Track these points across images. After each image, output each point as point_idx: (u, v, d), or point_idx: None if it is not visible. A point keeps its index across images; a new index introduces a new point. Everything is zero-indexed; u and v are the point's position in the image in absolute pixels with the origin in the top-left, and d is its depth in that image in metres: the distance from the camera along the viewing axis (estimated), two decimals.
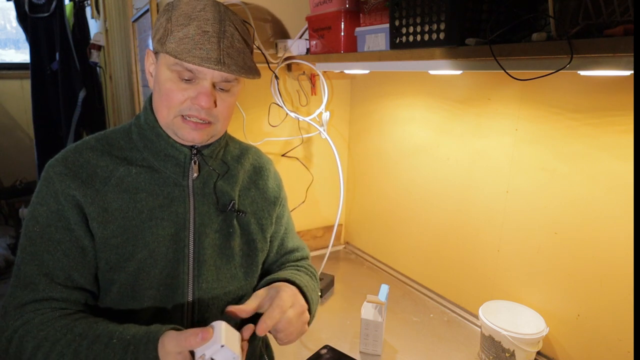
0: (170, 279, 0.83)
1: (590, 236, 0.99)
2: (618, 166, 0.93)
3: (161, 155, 0.86)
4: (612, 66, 0.65)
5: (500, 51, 0.73)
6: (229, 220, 0.91)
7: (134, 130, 0.89)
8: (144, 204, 0.83)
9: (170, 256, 0.83)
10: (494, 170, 1.18)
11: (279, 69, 1.40)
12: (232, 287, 0.91)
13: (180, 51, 0.75)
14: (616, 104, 0.92)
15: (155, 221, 0.83)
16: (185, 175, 0.87)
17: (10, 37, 3.78)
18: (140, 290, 0.82)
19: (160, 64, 0.81)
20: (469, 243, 1.29)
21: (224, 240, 0.89)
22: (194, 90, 0.80)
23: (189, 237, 0.85)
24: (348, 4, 1.16)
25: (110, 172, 0.83)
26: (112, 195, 0.82)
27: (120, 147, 0.87)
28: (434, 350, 1.13)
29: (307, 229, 1.72)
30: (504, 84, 1.12)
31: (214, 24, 0.78)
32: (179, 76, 0.79)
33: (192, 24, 0.77)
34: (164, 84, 0.81)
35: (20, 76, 3.46)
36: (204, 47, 0.76)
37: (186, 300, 0.85)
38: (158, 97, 0.83)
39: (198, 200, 0.87)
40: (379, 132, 1.57)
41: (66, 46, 2.79)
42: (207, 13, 0.79)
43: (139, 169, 0.85)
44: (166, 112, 0.82)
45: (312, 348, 1.12)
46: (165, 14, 0.80)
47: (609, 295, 0.97)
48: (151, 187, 0.84)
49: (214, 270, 0.87)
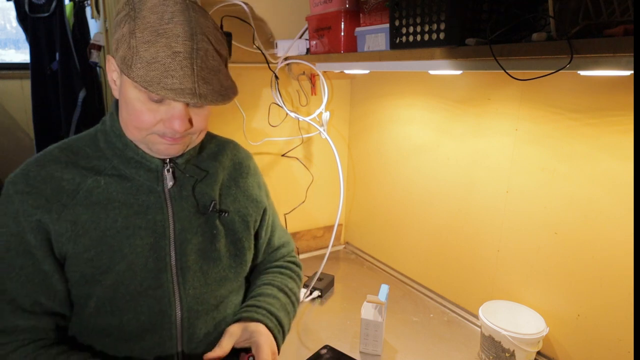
0: (152, 289, 0.79)
1: (590, 236, 0.99)
2: (618, 166, 0.93)
3: (132, 162, 0.81)
4: (612, 66, 0.65)
5: (500, 51, 0.73)
6: (212, 222, 0.87)
7: (100, 137, 0.82)
8: (117, 212, 0.78)
9: (150, 266, 0.79)
10: (494, 170, 1.18)
11: (279, 69, 1.40)
12: (223, 289, 0.88)
13: (149, 81, 0.67)
14: (616, 104, 0.92)
15: (132, 230, 0.78)
16: (159, 180, 0.82)
17: (10, 37, 3.78)
18: (120, 303, 0.78)
19: (126, 80, 0.73)
20: (469, 243, 1.28)
21: (208, 243, 0.86)
22: (166, 112, 0.74)
23: (170, 245, 0.81)
24: (348, 4, 1.16)
25: (77, 184, 0.77)
26: (81, 208, 0.76)
27: (86, 155, 0.81)
28: (434, 350, 1.13)
29: (307, 229, 1.72)
30: (504, 84, 1.12)
31: (185, 42, 0.69)
32: (149, 97, 0.72)
33: (159, 41, 0.68)
34: (131, 103, 0.73)
35: (20, 76, 3.46)
36: (175, 74, 0.68)
37: (174, 309, 0.82)
38: (126, 114, 0.76)
39: (176, 206, 0.83)
40: (379, 132, 1.57)
41: (66, 46, 2.79)
42: (176, 26, 0.69)
43: (108, 179, 0.79)
44: (136, 132, 0.76)
45: (312, 348, 1.12)
46: (127, 22, 0.71)
47: (609, 295, 0.97)
48: (124, 197, 0.79)
49: (201, 276, 0.84)
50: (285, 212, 1.61)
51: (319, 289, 1.37)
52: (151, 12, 0.70)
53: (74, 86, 2.84)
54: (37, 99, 2.93)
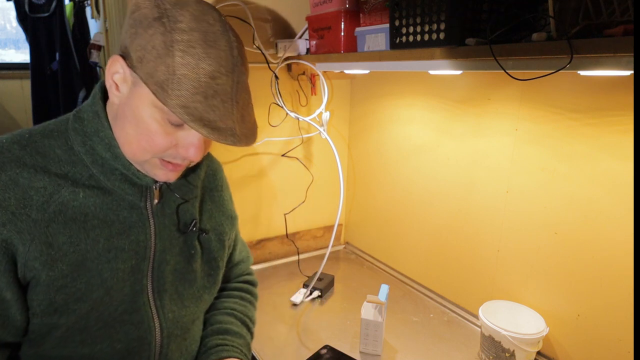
0: (128, 314, 0.72)
1: (590, 236, 0.99)
2: (618, 166, 0.93)
3: (115, 174, 0.70)
4: (612, 66, 0.65)
5: (500, 51, 0.73)
6: (190, 241, 0.80)
7: (75, 138, 0.69)
8: (98, 232, 0.67)
9: (127, 290, 0.71)
10: (494, 170, 1.18)
11: (279, 69, 1.40)
12: (197, 311, 0.84)
13: (190, 114, 0.59)
14: (616, 104, 0.92)
15: (114, 253, 0.69)
16: (143, 196, 0.73)
17: (10, 37, 3.78)
18: (92, 332, 0.69)
19: (141, 94, 0.63)
20: (469, 243, 1.29)
21: (185, 263, 0.79)
22: (184, 137, 0.67)
23: (149, 266, 0.74)
24: (348, 4, 1.16)
25: (49, 195, 0.64)
26: (56, 226, 0.64)
27: (57, 159, 0.67)
28: (434, 350, 1.13)
29: (307, 229, 1.72)
30: (504, 84, 1.12)
31: (227, 74, 0.62)
32: (169, 119, 0.64)
33: (202, 67, 0.60)
34: (144, 122, 0.64)
35: (20, 76, 3.46)
36: (217, 110, 0.61)
37: (154, 335, 0.76)
38: (133, 130, 0.66)
39: (159, 224, 0.75)
40: (379, 132, 1.57)
41: (66, 46, 2.79)
42: (219, 53, 0.61)
43: (87, 192, 0.67)
44: (140, 153, 0.67)
45: (312, 348, 1.12)
46: (159, 32, 0.60)
47: (609, 295, 0.97)
48: (103, 213, 0.68)
49: (177, 298, 0.78)
50: (285, 212, 1.61)
51: (319, 289, 1.37)
52: (192, 29, 0.61)
53: (74, 86, 2.84)
54: (37, 99, 2.93)
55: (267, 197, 1.58)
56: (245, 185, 1.52)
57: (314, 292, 1.37)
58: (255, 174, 1.54)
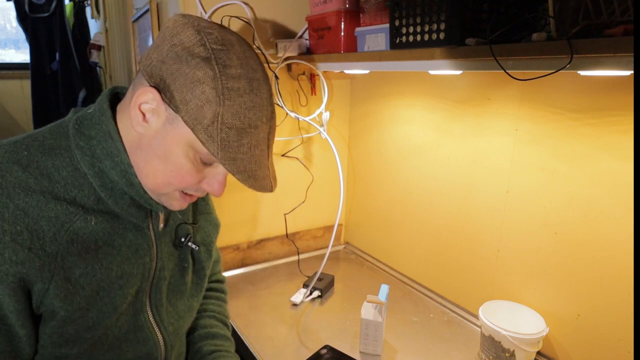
0: (132, 333, 0.72)
1: (590, 236, 0.99)
2: (618, 166, 0.93)
3: (125, 199, 0.67)
4: (612, 66, 0.65)
5: (500, 51, 0.73)
6: (184, 255, 0.81)
7: (82, 157, 0.64)
8: (110, 260, 0.66)
9: (129, 310, 0.71)
10: (494, 170, 1.18)
11: (279, 69, 1.40)
12: (190, 319, 0.87)
13: (238, 167, 0.60)
14: (616, 104, 0.92)
15: (126, 278, 0.68)
16: (146, 217, 0.72)
17: (10, 37, 3.78)
18: (98, 356, 0.69)
19: (178, 133, 0.61)
20: (469, 243, 1.29)
21: (179, 277, 0.80)
22: (211, 174, 0.67)
23: (150, 285, 0.74)
24: (348, 4, 1.16)
25: (60, 224, 0.60)
26: (72, 258, 0.61)
27: (62, 182, 0.62)
28: (434, 350, 1.13)
29: (307, 229, 1.72)
30: (504, 84, 1.12)
31: (266, 123, 0.62)
32: (202, 159, 0.64)
33: (248, 116, 0.60)
34: (176, 159, 0.62)
35: (20, 76, 3.46)
36: (257, 159, 0.61)
37: (159, 349, 0.77)
38: (160, 165, 0.63)
39: (160, 243, 0.75)
40: (379, 132, 1.57)
41: (66, 46, 2.79)
42: (263, 101, 0.62)
43: (98, 218, 0.64)
44: (165, 186, 0.65)
45: (312, 348, 1.12)
46: (207, 74, 0.58)
47: (609, 295, 0.97)
48: (111, 238, 0.66)
49: (172, 310, 0.79)
50: (285, 212, 1.61)
51: (319, 289, 1.37)
52: (240, 76, 0.59)
53: (74, 86, 2.85)
54: (37, 99, 2.93)
55: (267, 197, 1.58)
56: (245, 186, 1.52)
57: (314, 292, 1.37)
58: None
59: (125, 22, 2.16)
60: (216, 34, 0.61)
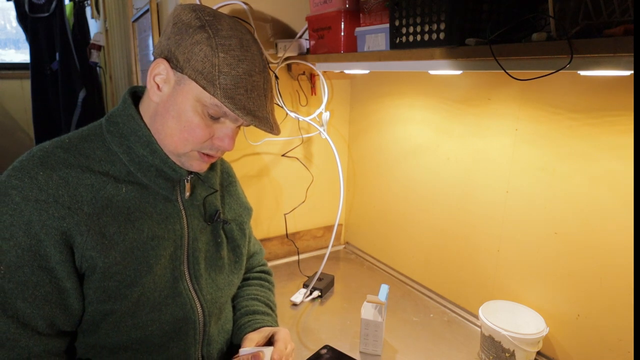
0: (171, 298, 0.79)
1: (590, 236, 0.99)
2: (618, 166, 0.93)
3: (152, 170, 0.78)
4: (612, 66, 0.65)
5: (500, 51, 0.73)
6: (216, 231, 0.89)
7: (112, 139, 0.77)
8: (141, 222, 0.75)
9: (168, 276, 0.79)
10: (494, 170, 1.18)
11: (279, 69, 1.40)
12: (230, 292, 0.94)
13: (236, 104, 0.70)
14: (616, 104, 0.92)
15: (157, 241, 0.77)
16: (174, 190, 0.82)
17: (10, 37, 3.78)
18: (142, 315, 0.76)
19: (185, 90, 0.73)
20: (469, 243, 1.29)
21: (214, 251, 0.88)
22: (220, 130, 0.76)
23: (184, 254, 0.82)
24: (348, 4, 1.16)
25: (96, 191, 0.72)
26: (106, 218, 0.72)
27: (97, 159, 0.74)
28: (434, 350, 1.13)
29: (307, 229, 1.72)
30: (504, 84, 1.12)
31: (260, 73, 0.73)
32: (209, 113, 0.74)
33: (241, 66, 0.71)
34: (187, 115, 0.73)
35: (20, 76, 3.46)
36: (255, 102, 0.72)
37: (197, 315, 0.83)
38: (174, 124, 0.74)
39: (189, 215, 0.84)
40: (379, 132, 1.57)
41: (66, 46, 2.79)
42: (254, 56, 0.73)
43: (128, 187, 0.75)
44: (181, 145, 0.75)
45: (312, 348, 1.12)
46: (204, 37, 0.70)
47: (609, 295, 0.97)
48: (143, 206, 0.76)
49: (211, 282, 0.87)
50: (285, 212, 1.61)
51: (319, 289, 1.37)
52: (230, 36, 0.72)
53: (74, 86, 2.84)
54: (37, 99, 2.93)
55: (267, 197, 1.58)
56: (245, 185, 1.52)
57: (314, 292, 1.37)
58: (255, 174, 1.54)
59: (125, 22, 2.16)
60: (209, 10, 0.75)
